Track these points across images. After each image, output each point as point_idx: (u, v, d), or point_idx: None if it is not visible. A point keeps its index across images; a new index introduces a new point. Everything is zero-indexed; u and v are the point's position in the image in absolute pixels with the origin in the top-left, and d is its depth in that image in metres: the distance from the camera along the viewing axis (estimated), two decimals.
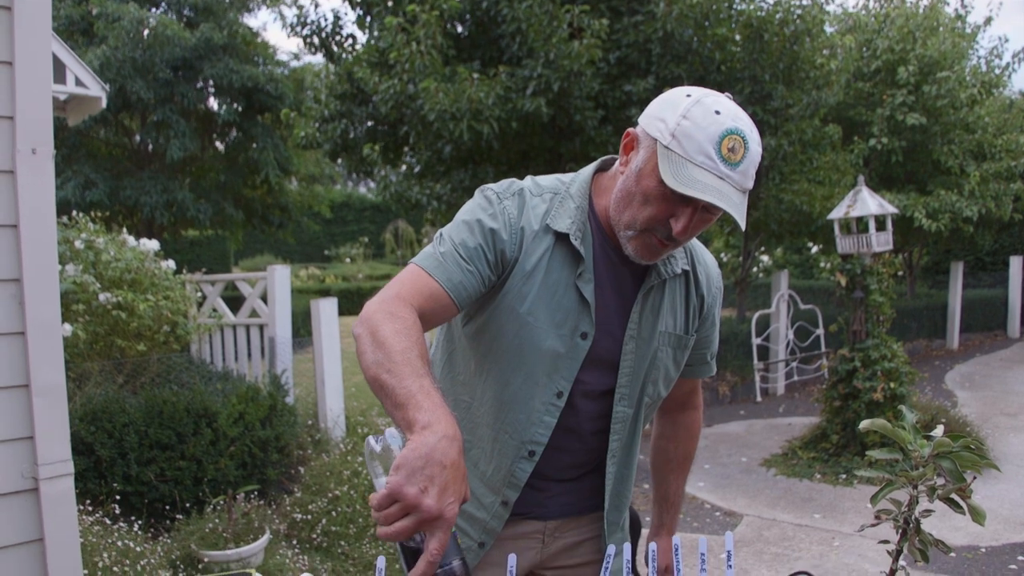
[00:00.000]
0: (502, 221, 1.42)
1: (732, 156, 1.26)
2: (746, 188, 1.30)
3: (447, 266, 1.36)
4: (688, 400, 1.80)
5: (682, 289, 1.56)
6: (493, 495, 1.53)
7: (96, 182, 12.10)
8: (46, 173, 2.76)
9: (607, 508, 1.59)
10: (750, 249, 11.05)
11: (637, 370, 1.52)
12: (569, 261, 1.44)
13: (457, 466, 0.99)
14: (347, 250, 24.74)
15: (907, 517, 1.63)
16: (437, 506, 0.94)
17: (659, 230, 1.34)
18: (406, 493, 0.94)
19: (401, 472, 0.95)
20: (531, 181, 1.51)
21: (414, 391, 1.08)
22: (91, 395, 4.52)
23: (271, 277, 5.99)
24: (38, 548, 2.79)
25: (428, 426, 1.01)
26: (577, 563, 1.64)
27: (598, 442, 1.55)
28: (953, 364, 11.38)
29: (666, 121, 1.29)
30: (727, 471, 6.44)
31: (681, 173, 1.26)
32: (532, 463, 1.50)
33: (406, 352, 1.15)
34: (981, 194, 10.50)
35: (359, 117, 7.79)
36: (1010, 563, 4.42)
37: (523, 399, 1.46)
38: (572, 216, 1.44)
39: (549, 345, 1.43)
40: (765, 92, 7.20)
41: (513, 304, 1.43)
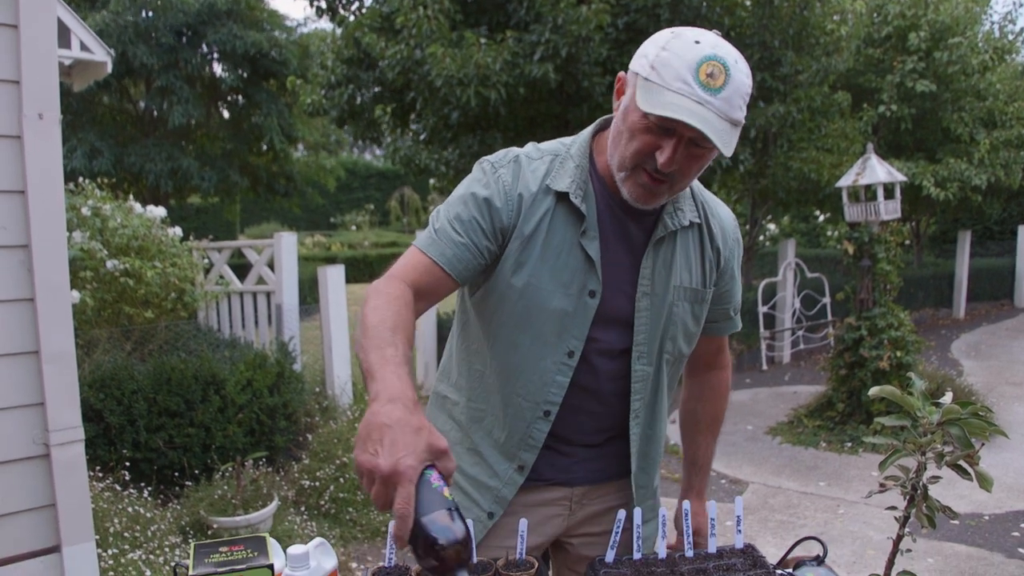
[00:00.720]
0: (495, 189, 1.42)
1: (711, 81, 1.23)
2: (732, 118, 1.26)
3: (440, 242, 1.38)
4: (715, 360, 1.77)
5: (696, 242, 1.54)
6: (507, 461, 1.53)
7: (101, 150, 12.07)
8: (53, 138, 2.75)
9: (634, 471, 1.58)
10: (757, 217, 11.00)
11: (654, 327, 1.50)
12: (572, 220, 1.43)
13: (405, 422, 0.98)
14: (353, 217, 24.72)
15: (915, 483, 1.64)
16: (388, 463, 0.94)
17: (647, 163, 1.32)
18: (361, 462, 0.96)
19: (357, 446, 0.98)
20: (531, 146, 1.50)
21: (374, 364, 1.10)
22: (100, 362, 4.54)
23: (278, 244, 5.99)
24: (50, 513, 2.83)
25: (375, 397, 1.03)
26: (603, 531, 1.62)
27: (621, 404, 1.54)
28: (959, 333, 11.37)
29: (647, 55, 1.29)
30: (733, 439, 6.47)
31: (655, 98, 1.24)
32: (548, 422, 1.49)
33: (377, 326, 1.17)
34: (991, 162, 10.40)
35: (366, 83, 7.73)
36: (1013, 530, 4.45)
37: (533, 360, 1.46)
38: (572, 175, 1.43)
39: (556, 304, 1.43)
40: (775, 58, 7.12)
41: (514, 268, 1.43)
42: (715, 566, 1.27)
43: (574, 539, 1.62)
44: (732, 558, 1.30)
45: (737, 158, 7.19)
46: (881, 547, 4.21)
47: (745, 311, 9.61)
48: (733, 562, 1.28)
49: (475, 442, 1.56)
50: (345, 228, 24.44)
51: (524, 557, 1.34)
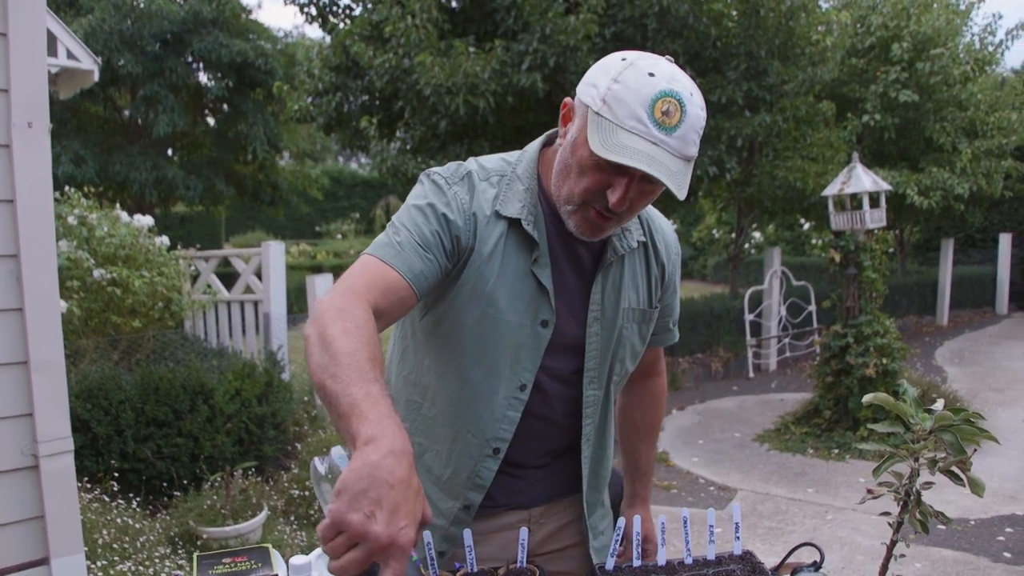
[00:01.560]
0: (455, 207, 1.34)
1: (667, 120, 1.17)
2: (687, 155, 1.21)
3: (406, 255, 1.26)
4: (651, 368, 1.75)
5: (642, 261, 1.51)
6: (451, 500, 1.47)
7: (85, 159, 11.99)
8: (42, 147, 2.74)
9: (586, 490, 1.56)
10: (743, 226, 11.06)
11: (604, 351, 1.47)
12: (523, 247, 1.37)
13: (407, 483, 0.87)
14: (338, 226, 24.64)
15: (908, 489, 1.65)
16: (387, 532, 0.82)
17: (597, 202, 1.27)
18: (350, 521, 0.82)
19: (343, 497, 0.83)
20: (476, 164, 1.42)
21: (358, 399, 0.95)
22: (87, 372, 4.51)
23: (265, 253, 5.98)
24: (39, 525, 2.80)
25: (372, 440, 0.89)
26: (564, 546, 1.61)
27: (571, 424, 1.51)
28: (943, 340, 11.47)
29: (598, 86, 1.22)
30: (721, 446, 6.49)
31: (610, 140, 1.18)
32: (497, 460, 1.44)
33: (354, 354, 1.02)
34: (972, 171, 10.52)
35: (353, 91, 7.72)
36: (998, 535, 4.49)
37: (485, 395, 1.40)
38: (522, 199, 1.37)
39: (510, 336, 1.37)
40: (761, 68, 7.17)
41: (471, 296, 1.36)
42: (714, 572, 1.28)
43: (537, 557, 1.57)
44: (731, 564, 1.31)
45: (724, 167, 7.24)
46: (870, 553, 4.24)
47: (731, 319, 9.67)
48: (732, 568, 1.29)
49: None
50: (331, 237, 24.36)
51: (524, 565, 1.34)
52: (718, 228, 15.30)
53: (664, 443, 6.53)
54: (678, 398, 8.14)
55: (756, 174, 8.76)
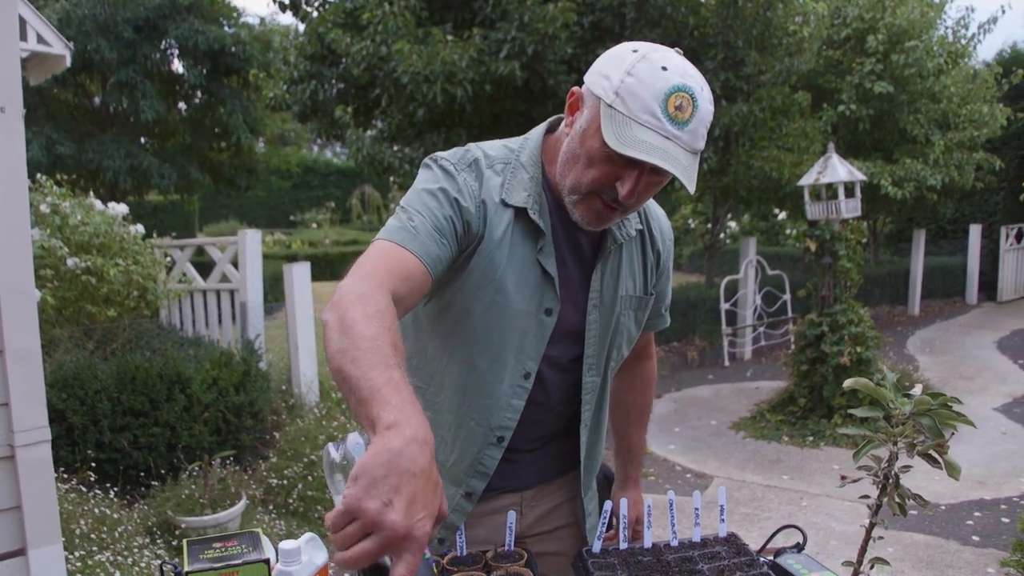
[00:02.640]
0: (466, 193, 1.33)
1: (679, 115, 1.19)
2: (696, 148, 1.23)
3: (422, 239, 1.24)
4: (643, 351, 1.77)
5: (639, 249, 1.53)
6: (454, 487, 1.47)
7: (60, 142, 11.81)
8: (16, 132, 2.70)
9: (582, 473, 1.58)
10: (719, 215, 11.13)
11: (603, 338, 1.49)
12: (529, 235, 1.38)
13: (428, 474, 0.83)
14: (313, 215, 24.46)
15: (887, 472, 1.69)
16: (404, 523, 0.78)
17: (605, 193, 1.28)
18: (366, 508, 0.78)
19: (360, 483, 0.79)
20: (481, 152, 1.41)
21: (380, 384, 0.92)
22: (62, 362, 4.46)
23: (242, 242, 5.93)
24: (16, 516, 2.77)
25: (393, 426, 0.85)
26: (555, 527, 1.63)
27: (566, 410, 1.53)
28: (914, 329, 11.63)
29: (610, 78, 1.22)
30: (697, 434, 6.55)
31: (624, 133, 1.19)
32: (501, 448, 1.45)
33: (376, 339, 0.99)
34: (945, 163, 10.66)
35: (329, 79, 7.66)
36: (967, 519, 4.58)
37: (490, 383, 1.40)
38: (527, 187, 1.37)
39: (516, 324, 1.38)
40: (738, 58, 7.21)
41: (480, 283, 1.36)
42: (700, 554, 1.30)
43: (528, 539, 1.59)
44: (716, 546, 1.33)
45: (701, 156, 7.27)
46: (844, 537, 4.31)
47: (707, 308, 9.73)
48: (717, 550, 1.31)
49: None
50: (305, 226, 24.16)
51: (513, 548, 1.36)
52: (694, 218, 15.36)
53: None
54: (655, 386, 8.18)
55: (732, 164, 8.81)
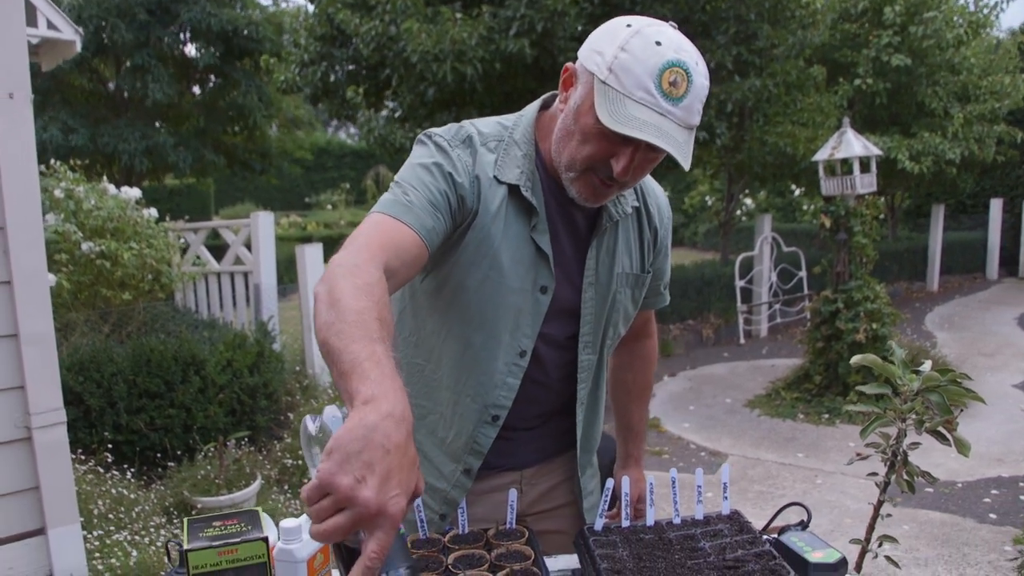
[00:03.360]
0: (460, 168, 1.33)
1: (674, 90, 1.17)
2: (691, 124, 1.21)
3: (417, 211, 1.23)
4: (643, 329, 1.76)
5: (635, 226, 1.52)
6: (453, 463, 1.47)
7: (75, 127, 11.90)
8: (25, 118, 2.71)
9: (579, 452, 1.58)
10: (733, 192, 11.05)
11: (599, 316, 1.48)
12: (522, 213, 1.37)
13: (404, 451, 0.82)
14: (328, 197, 24.49)
15: (895, 450, 1.67)
16: (377, 499, 0.77)
17: (600, 170, 1.27)
18: (339, 483, 0.76)
19: (334, 457, 0.78)
20: (475, 129, 1.40)
21: (361, 358, 0.90)
22: (78, 345, 4.50)
23: (255, 224, 5.95)
24: (34, 496, 2.82)
25: (370, 401, 0.84)
26: (555, 506, 1.63)
27: (564, 388, 1.53)
28: (933, 306, 11.53)
29: (603, 54, 1.20)
30: (712, 412, 6.54)
31: (618, 110, 1.18)
32: (496, 427, 1.45)
33: (362, 313, 0.98)
34: (964, 136, 10.49)
35: (340, 60, 7.64)
36: (984, 496, 4.55)
37: (485, 360, 1.40)
38: (520, 165, 1.36)
39: (511, 301, 1.38)
40: (750, 32, 7.11)
41: (474, 259, 1.35)
42: (703, 532, 1.29)
43: (529, 517, 1.59)
44: (719, 524, 1.32)
45: (714, 132, 7.21)
46: (858, 516, 4.30)
47: (722, 285, 9.69)
48: (720, 528, 1.31)
49: (417, 441, 1.45)
50: (320, 208, 24.18)
51: (514, 526, 1.36)
52: (710, 195, 15.25)
53: (655, 409, 6.57)
54: (669, 364, 8.18)
55: (746, 140, 8.72)
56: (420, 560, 1.24)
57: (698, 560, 1.20)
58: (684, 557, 1.21)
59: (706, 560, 1.20)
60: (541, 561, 1.23)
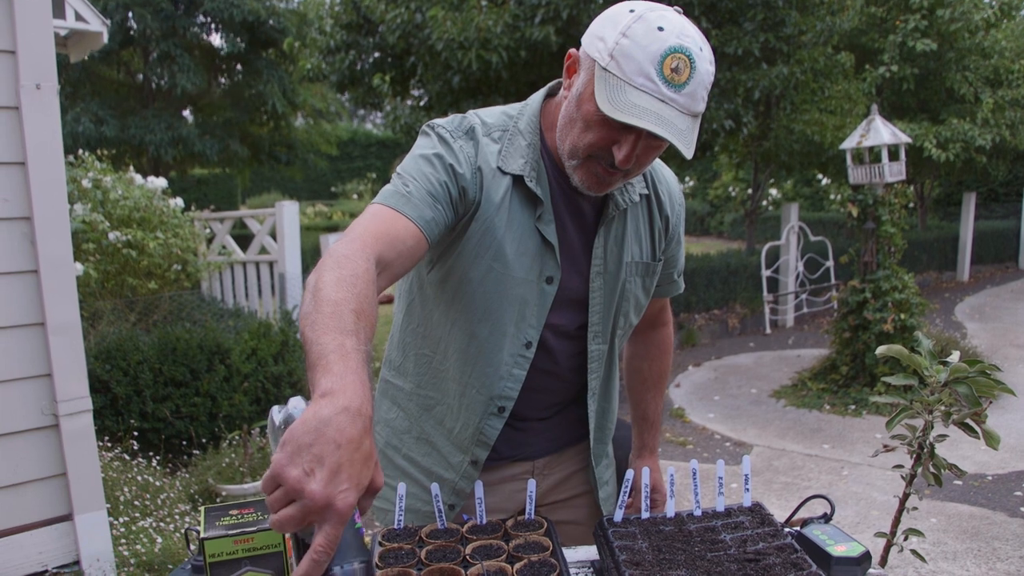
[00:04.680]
0: (462, 159, 1.32)
1: (676, 77, 1.15)
2: (695, 112, 1.19)
3: (415, 202, 1.23)
4: (658, 318, 1.74)
5: (645, 214, 1.49)
6: (461, 454, 1.47)
7: (106, 119, 12.05)
8: (51, 109, 2.73)
9: (592, 443, 1.57)
10: (760, 181, 10.94)
11: (608, 306, 1.47)
12: (527, 203, 1.36)
13: (357, 445, 0.80)
14: (354, 186, 24.61)
15: (921, 442, 1.64)
16: (323, 493, 0.76)
17: (602, 158, 1.25)
18: (287, 475, 0.77)
19: (286, 449, 0.78)
20: (479, 119, 1.39)
21: (328, 350, 0.90)
22: (105, 333, 4.56)
23: (279, 213, 5.98)
24: (61, 483, 2.86)
25: (328, 394, 0.83)
26: (570, 496, 1.63)
27: (576, 380, 1.52)
28: (963, 296, 11.36)
29: (605, 40, 1.18)
30: (737, 402, 6.49)
31: (618, 97, 1.16)
32: (502, 419, 1.44)
33: (338, 304, 0.97)
34: (995, 122, 10.28)
35: (366, 48, 7.65)
36: (1015, 490, 4.48)
37: (490, 351, 1.39)
38: (524, 155, 1.35)
39: (516, 292, 1.37)
40: (778, 18, 7.01)
41: (477, 250, 1.34)
42: (723, 524, 1.28)
43: (542, 507, 1.59)
44: (740, 516, 1.31)
45: (740, 120, 7.13)
46: (885, 508, 4.25)
47: (748, 275, 9.61)
48: (741, 520, 1.29)
49: (426, 431, 1.51)
50: (346, 197, 24.31)
51: (533, 517, 1.35)
52: (735, 184, 15.12)
53: (680, 399, 6.54)
54: (694, 354, 8.13)
55: (773, 128, 8.62)
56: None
57: (718, 552, 1.18)
58: (704, 549, 1.20)
59: (726, 552, 1.18)
60: (559, 552, 1.22)
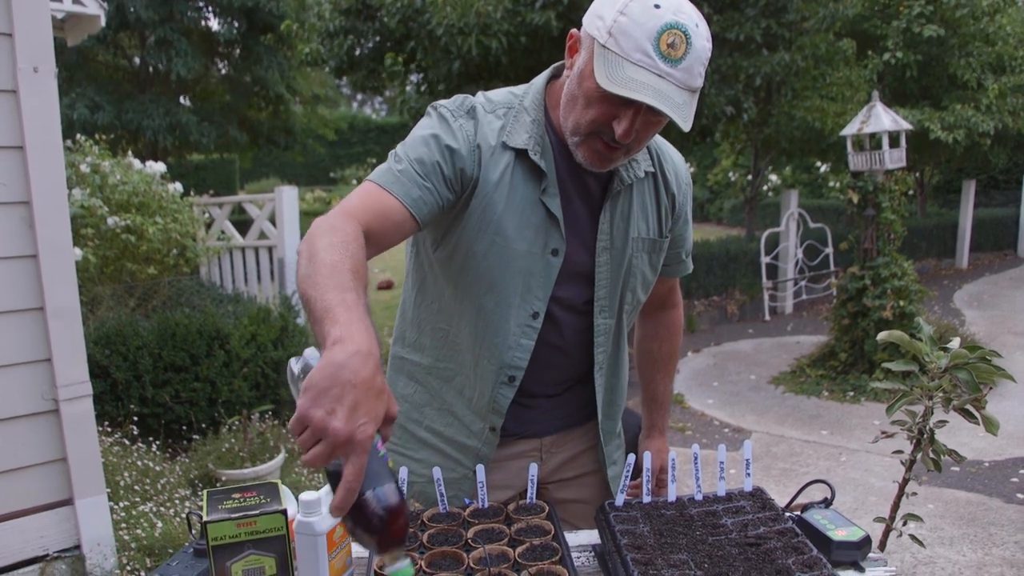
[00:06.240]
0: (460, 138, 1.37)
1: (672, 52, 1.18)
2: (692, 86, 1.22)
3: (403, 182, 1.30)
4: (667, 299, 1.77)
5: (651, 191, 1.52)
6: (481, 421, 1.52)
7: (102, 105, 11.97)
8: (49, 92, 2.72)
9: (600, 419, 1.59)
10: (759, 168, 10.91)
11: (614, 280, 1.49)
12: (531, 177, 1.40)
13: (370, 384, 0.90)
14: (353, 172, 24.56)
15: (921, 428, 1.65)
16: (346, 428, 0.85)
17: (604, 133, 1.28)
18: (312, 416, 0.86)
19: (308, 394, 0.87)
20: (483, 97, 1.44)
21: (333, 304, 0.99)
22: (104, 318, 4.55)
23: (279, 199, 5.97)
24: (62, 467, 2.86)
25: (339, 341, 0.92)
26: (578, 474, 1.65)
27: (584, 356, 1.54)
28: (962, 283, 11.36)
29: (604, 18, 1.22)
30: (736, 388, 6.51)
31: (616, 73, 1.20)
32: (513, 388, 1.48)
33: (336, 265, 1.07)
34: (998, 108, 10.24)
35: (364, 33, 7.61)
36: (1012, 476, 4.50)
37: (497, 322, 1.44)
38: (528, 130, 1.39)
39: (520, 264, 1.40)
40: (780, 5, 6.97)
41: (479, 225, 1.39)
42: (724, 508, 1.28)
43: (549, 485, 1.63)
44: (741, 500, 1.31)
45: (741, 107, 7.10)
46: (883, 494, 4.26)
47: (748, 261, 9.61)
48: (742, 504, 1.29)
49: (447, 402, 1.55)
50: (345, 183, 24.25)
51: (535, 501, 1.35)
52: (734, 170, 15.08)
53: (679, 385, 6.55)
54: (694, 340, 8.14)
55: (774, 114, 8.59)
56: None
57: (719, 536, 1.19)
58: (706, 533, 1.20)
59: (728, 537, 1.18)
60: (561, 536, 1.23)
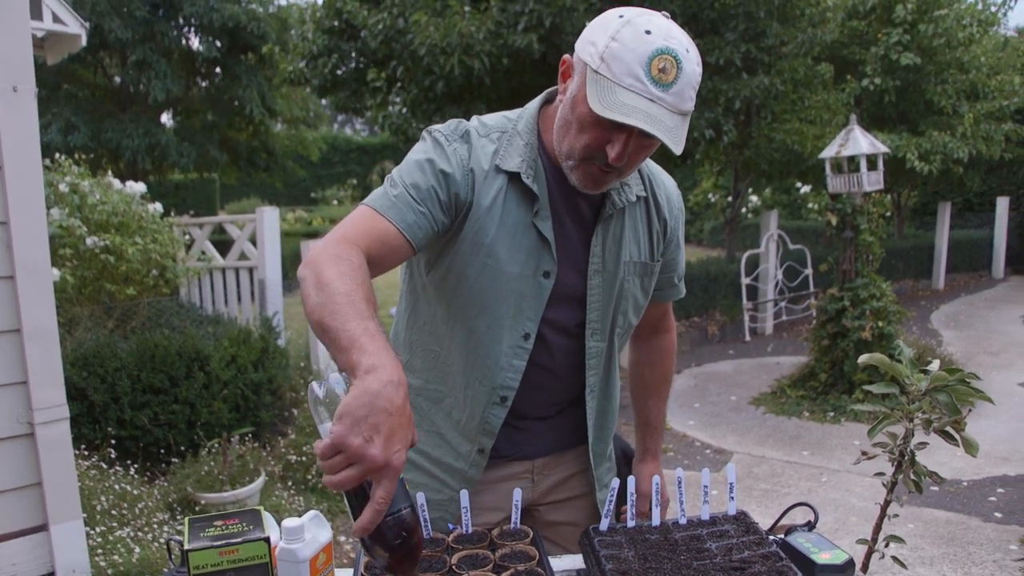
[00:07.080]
0: (454, 162, 1.38)
1: (663, 77, 1.21)
2: (683, 110, 1.25)
3: (399, 207, 1.31)
4: (660, 323, 1.78)
5: (643, 215, 1.54)
6: (469, 443, 1.52)
7: (77, 125, 11.88)
8: (28, 112, 2.70)
9: (591, 441, 1.60)
10: (739, 189, 11.01)
11: (606, 303, 1.51)
12: (524, 200, 1.41)
13: (403, 411, 0.95)
14: (334, 192, 24.52)
15: (902, 449, 1.65)
16: (383, 455, 0.91)
17: (598, 158, 1.30)
18: (350, 443, 0.90)
19: (344, 421, 0.91)
20: (477, 122, 1.47)
21: (358, 334, 1.02)
22: (82, 340, 4.50)
23: (260, 219, 5.94)
24: (37, 492, 2.81)
25: (372, 370, 0.96)
26: (568, 496, 1.65)
27: (575, 377, 1.55)
28: (939, 304, 11.48)
29: (596, 44, 1.25)
30: (717, 409, 6.52)
31: (608, 98, 1.22)
32: (505, 408, 1.49)
33: (350, 294, 1.09)
34: (973, 135, 10.43)
35: (347, 53, 7.64)
36: (990, 495, 4.53)
37: (489, 343, 1.45)
38: (521, 154, 1.41)
39: (511, 287, 1.42)
40: (759, 29, 7.08)
41: (471, 248, 1.40)
42: (709, 532, 1.28)
43: (541, 507, 1.64)
44: (725, 524, 1.31)
45: (721, 129, 7.18)
46: (863, 514, 4.28)
47: (728, 282, 9.66)
48: (726, 528, 1.29)
49: (436, 424, 1.56)
50: (326, 203, 24.21)
51: (519, 527, 1.34)
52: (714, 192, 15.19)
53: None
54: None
55: (753, 137, 8.69)
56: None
57: (704, 561, 1.18)
58: (690, 558, 1.20)
59: (712, 561, 1.18)
60: (545, 561, 1.22)
